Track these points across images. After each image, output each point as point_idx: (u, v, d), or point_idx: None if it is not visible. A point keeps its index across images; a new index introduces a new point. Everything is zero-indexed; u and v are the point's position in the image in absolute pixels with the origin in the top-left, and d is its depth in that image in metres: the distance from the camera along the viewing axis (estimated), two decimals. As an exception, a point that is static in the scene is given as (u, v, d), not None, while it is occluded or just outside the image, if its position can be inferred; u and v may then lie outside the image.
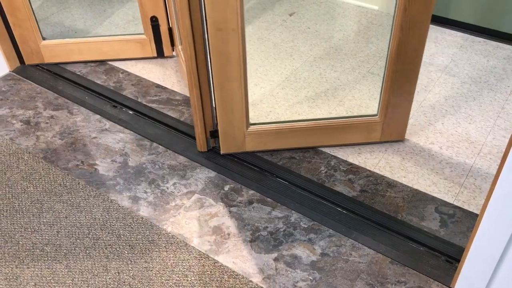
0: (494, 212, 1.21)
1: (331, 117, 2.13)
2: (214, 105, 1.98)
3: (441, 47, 2.68)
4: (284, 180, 1.98)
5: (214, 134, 2.09)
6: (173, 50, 2.69)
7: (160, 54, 2.67)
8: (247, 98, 1.96)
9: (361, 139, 2.12)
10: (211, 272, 1.67)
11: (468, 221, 1.80)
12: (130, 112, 2.34)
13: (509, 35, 2.70)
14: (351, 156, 2.07)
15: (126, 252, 1.74)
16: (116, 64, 2.65)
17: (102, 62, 2.67)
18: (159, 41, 2.62)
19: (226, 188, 1.96)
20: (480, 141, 2.12)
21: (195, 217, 1.85)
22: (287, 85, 2.47)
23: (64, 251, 1.75)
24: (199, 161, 2.09)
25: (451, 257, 1.69)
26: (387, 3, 2.95)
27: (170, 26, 2.59)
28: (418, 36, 1.83)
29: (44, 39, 2.58)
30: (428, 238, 1.75)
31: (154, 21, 2.54)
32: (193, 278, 1.65)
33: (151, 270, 1.68)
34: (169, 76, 2.56)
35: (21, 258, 1.74)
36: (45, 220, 1.86)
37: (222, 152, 2.11)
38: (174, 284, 1.64)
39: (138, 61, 2.67)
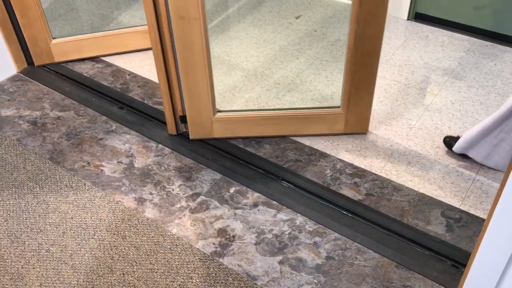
0: (501, 217, 1.21)
1: (296, 107, 2.20)
2: (181, 91, 2.05)
3: (448, 51, 2.68)
4: (290, 183, 1.97)
5: (183, 119, 2.17)
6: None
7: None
8: (213, 86, 2.04)
9: (325, 130, 2.18)
10: (215, 274, 1.67)
11: (474, 225, 1.79)
12: (137, 114, 2.35)
13: (517, 39, 2.69)
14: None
15: (131, 253, 1.75)
16: (123, 63, 2.66)
17: (109, 64, 2.68)
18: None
19: (232, 190, 1.96)
20: (487, 146, 2.11)
21: (200, 219, 1.85)
22: (293, 88, 2.46)
23: (70, 251, 1.76)
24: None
25: (457, 262, 1.68)
26: (393, 5, 2.94)
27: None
28: (375, 29, 1.85)
29: (53, 38, 2.61)
30: (434, 243, 1.74)
31: None
32: (197, 280, 1.65)
33: (156, 272, 1.69)
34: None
35: (27, 258, 1.74)
36: (51, 221, 1.87)
37: (191, 137, 2.19)
38: (178, 286, 1.64)
39: (145, 62, 2.68)
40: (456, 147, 2.01)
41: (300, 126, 2.16)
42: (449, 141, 2.07)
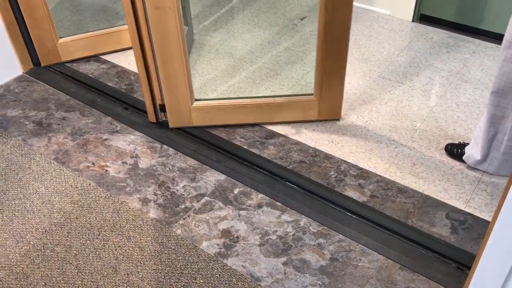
0: (506, 219, 1.20)
1: (272, 95, 2.27)
2: (159, 80, 2.10)
3: (453, 53, 2.67)
4: (294, 184, 1.97)
5: (163, 108, 2.22)
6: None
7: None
8: (190, 75, 2.10)
9: (299, 117, 2.25)
10: (219, 275, 1.67)
11: (479, 228, 1.78)
12: (141, 115, 2.35)
13: (522, 41, 2.68)
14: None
15: (136, 253, 1.75)
16: (128, 65, 2.67)
17: (114, 65, 2.68)
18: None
19: (236, 191, 1.96)
20: (492, 148, 2.10)
21: (204, 220, 1.86)
22: (298, 90, 2.47)
23: (74, 251, 1.76)
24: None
25: (462, 264, 1.67)
26: (397, 7, 2.94)
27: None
28: (343, 16, 1.91)
29: (60, 38, 2.63)
30: (439, 245, 1.73)
31: None
32: (201, 281, 1.66)
33: (160, 272, 1.69)
34: (180, 79, 2.57)
35: (31, 258, 1.75)
36: (56, 221, 1.88)
37: (170, 125, 2.25)
38: (182, 287, 1.64)
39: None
40: (470, 162, 1.99)
41: (275, 113, 2.23)
42: (451, 149, 2.05)
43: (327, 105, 2.20)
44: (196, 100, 2.19)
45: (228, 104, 2.20)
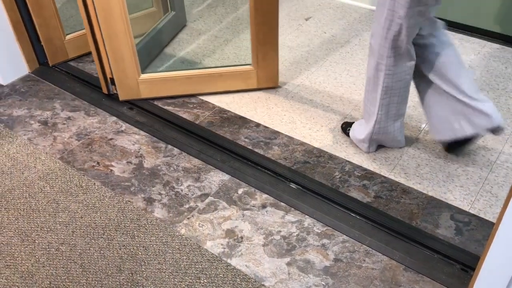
0: (510, 220, 1.20)
1: (213, 66, 2.46)
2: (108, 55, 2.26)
3: (459, 54, 2.66)
4: (298, 184, 1.97)
5: (113, 81, 2.36)
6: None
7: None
8: (135, 50, 2.26)
9: (241, 86, 2.43)
10: (223, 275, 1.67)
11: (484, 229, 1.78)
12: (146, 114, 2.36)
13: (528, 42, 2.67)
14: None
15: (140, 253, 1.76)
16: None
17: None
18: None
19: (240, 191, 1.96)
20: (497, 149, 2.09)
21: (208, 220, 1.86)
22: (302, 91, 2.46)
23: (79, 250, 1.77)
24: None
25: (466, 265, 1.67)
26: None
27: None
28: None
29: (67, 35, 2.66)
30: (443, 246, 1.73)
31: None
32: (205, 281, 1.66)
33: (164, 272, 1.69)
34: (185, 79, 2.58)
35: (36, 256, 1.76)
36: (60, 220, 1.88)
37: (120, 98, 2.40)
38: (186, 286, 1.65)
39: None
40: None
41: (218, 83, 2.41)
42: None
43: (265, 73, 2.39)
44: (143, 73, 2.36)
45: (173, 76, 2.37)
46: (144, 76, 2.35)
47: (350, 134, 2.13)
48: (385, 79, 1.85)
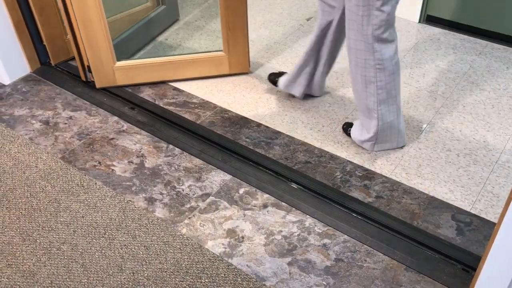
0: (512, 221, 1.20)
1: (186, 53, 2.54)
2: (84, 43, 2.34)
3: (460, 54, 2.66)
4: (299, 184, 1.97)
5: (90, 68, 2.44)
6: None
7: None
8: (110, 38, 2.33)
9: (213, 72, 2.52)
10: (224, 274, 1.68)
11: (485, 229, 1.78)
12: (148, 114, 2.36)
13: (530, 42, 2.67)
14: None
15: (141, 252, 1.76)
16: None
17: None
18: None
19: (241, 191, 1.96)
20: (498, 149, 2.09)
21: (209, 220, 1.86)
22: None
23: (80, 250, 1.77)
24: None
25: (467, 265, 1.67)
26: (404, 7, 2.93)
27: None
28: None
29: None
30: (444, 246, 1.73)
31: None
32: (206, 280, 1.66)
33: (166, 271, 1.69)
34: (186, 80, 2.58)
35: (38, 256, 1.76)
36: (62, 219, 1.89)
37: (97, 86, 2.49)
38: (187, 286, 1.65)
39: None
40: (280, 85, 2.35)
41: (192, 69, 2.50)
42: (273, 78, 2.40)
43: (236, 59, 2.48)
44: (118, 60, 2.44)
45: (148, 63, 2.46)
46: (119, 63, 2.43)
47: (352, 135, 2.13)
48: (377, 73, 1.86)
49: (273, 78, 2.41)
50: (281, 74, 2.39)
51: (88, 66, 2.44)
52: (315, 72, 2.23)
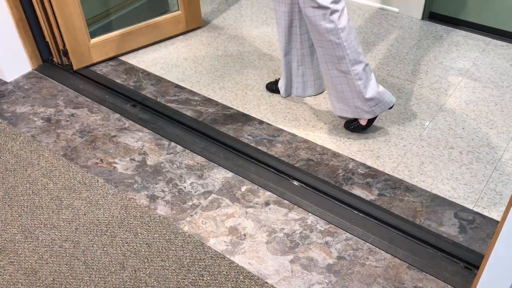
0: (515, 219, 1.19)
1: (150, 19, 2.75)
2: (59, 26, 2.45)
3: (463, 51, 2.65)
4: (301, 182, 1.97)
5: (66, 53, 2.57)
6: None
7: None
8: (84, 17, 2.48)
9: (174, 32, 2.83)
10: (226, 272, 1.67)
11: (488, 227, 1.77)
12: (150, 112, 2.36)
13: (533, 39, 2.66)
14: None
15: (143, 250, 1.76)
16: (137, 62, 2.67)
17: (122, 62, 2.69)
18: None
19: (243, 189, 1.96)
20: (501, 147, 2.09)
21: (211, 217, 1.86)
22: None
23: (82, 247, 1.77)
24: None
25: (470, 263, 1.66)
26: (407, 4, 2.92)
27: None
28: None
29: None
30: (447, 244, 1.72)
31: None
32: (208, 278, 1.66)
33: (167, 269, 1.69)
34: (188, 76, 2.58)
35: (40, 253, 1.76)
36: (64, 217, 1.89)
37: (74, 68, 2.59)
38: (189, 283, 1.65)
39: (158, 60, 2.69)
40: (282, 93, 2.37)
41: (157, 32, 2.77)
42: (271, 86, 2.42)
43: (191, 16, 2.82)
44: (92, 38, 2.59)
45: (118, 34, 2.64)
46: (94, 40, 2.58)
47: (351, 126, 2.18)
48: (346, 49, 1.91)
49: (271, 86, 2.42)
50: (276, 82, 2.41)
51: (64, 50, 2.55)
52: (302, 64, 2.28)
